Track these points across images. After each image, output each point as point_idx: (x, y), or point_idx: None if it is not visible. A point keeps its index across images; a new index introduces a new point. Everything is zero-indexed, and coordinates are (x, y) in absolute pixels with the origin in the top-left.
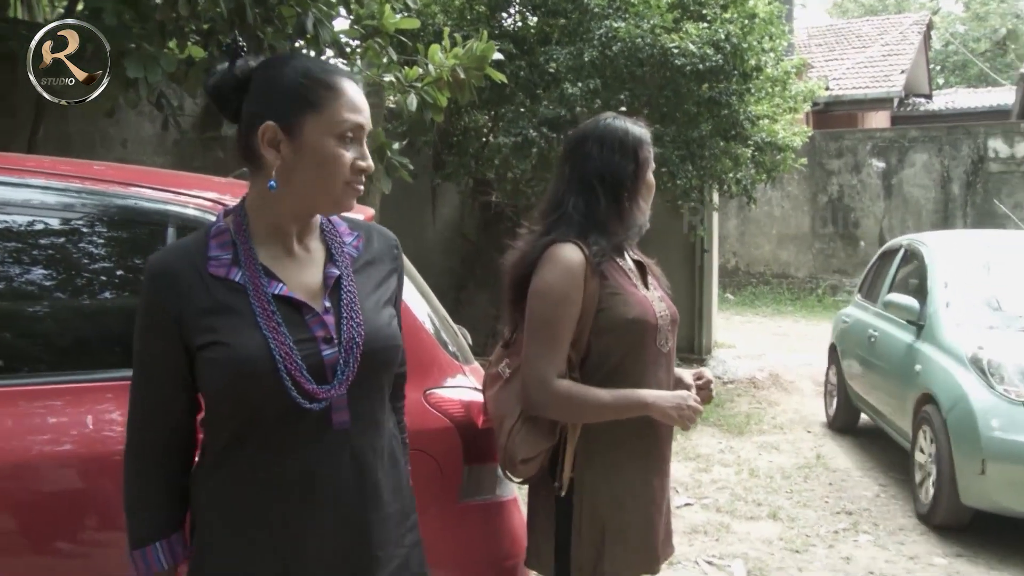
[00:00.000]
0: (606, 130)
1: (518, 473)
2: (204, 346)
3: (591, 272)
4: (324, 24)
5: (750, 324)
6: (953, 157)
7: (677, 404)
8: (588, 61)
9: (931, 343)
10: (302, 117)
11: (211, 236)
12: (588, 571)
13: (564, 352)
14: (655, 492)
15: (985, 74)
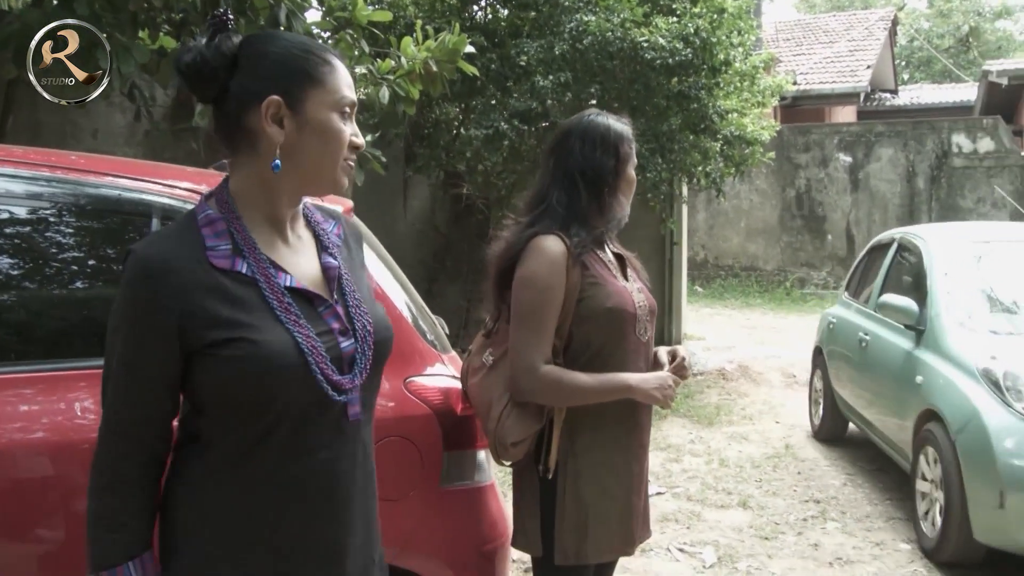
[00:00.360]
0: (588, 126)
1: (508, 456)
2: (219, 343)
3: (572, 262)
4: (297, 16)
5: (719, 316)
6: (918, 152)
7: (659, 384)
8: (559, 54)
9: (933, 351)
10: (305, 91)
11: (202, 225)
12: (571, 553)
13: (550, 339)
14: (634, 477)
15: (949, 70)
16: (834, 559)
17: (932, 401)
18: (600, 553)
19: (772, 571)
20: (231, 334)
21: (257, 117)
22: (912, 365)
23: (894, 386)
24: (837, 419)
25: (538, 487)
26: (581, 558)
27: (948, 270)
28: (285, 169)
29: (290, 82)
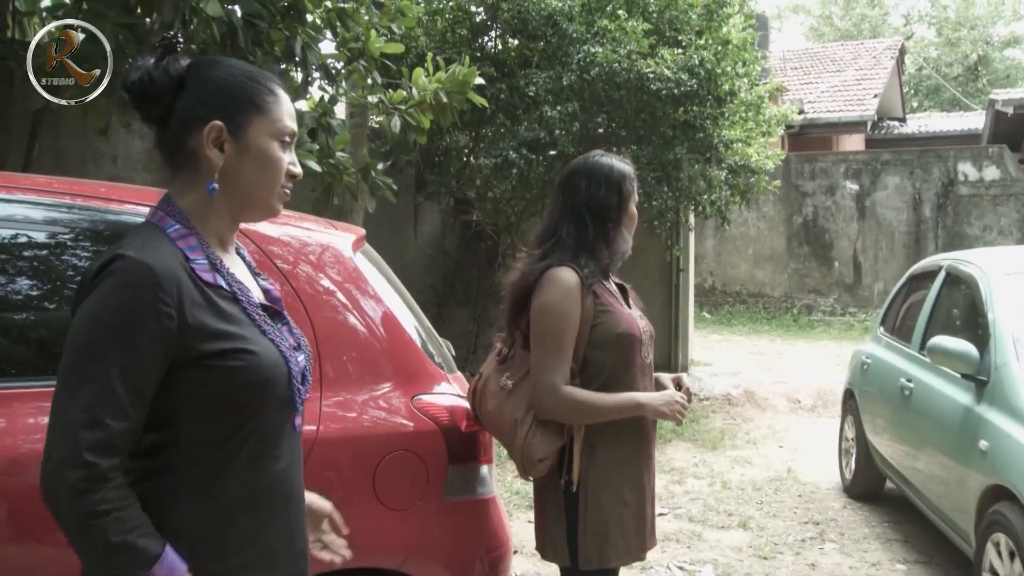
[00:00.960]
0: (594, 166)
1: (535, 472)
2: (216, 355)
3: (585, 292)
4: (312, 48)
5: (726, 342)
6: (924, 180)
7: (667, 401)
8: (567, 85)
9: (1002, 410)
10: (248, 119)
11: (175, 238)
12: (595, 559)
13: (568, 361)
14: (646, 486)
15: (958, 99)
16: None
17: (1003, 474)
18: (620, 557)
19: None
20: (233, 344)
21: (199, 140)
22: (973, 426)
23: (950, 450)
24: (872, 474)
25: (562, 500)
26: (604, 562)
27: (1015, 306)
28: (222, 192)
29: (234, 109)
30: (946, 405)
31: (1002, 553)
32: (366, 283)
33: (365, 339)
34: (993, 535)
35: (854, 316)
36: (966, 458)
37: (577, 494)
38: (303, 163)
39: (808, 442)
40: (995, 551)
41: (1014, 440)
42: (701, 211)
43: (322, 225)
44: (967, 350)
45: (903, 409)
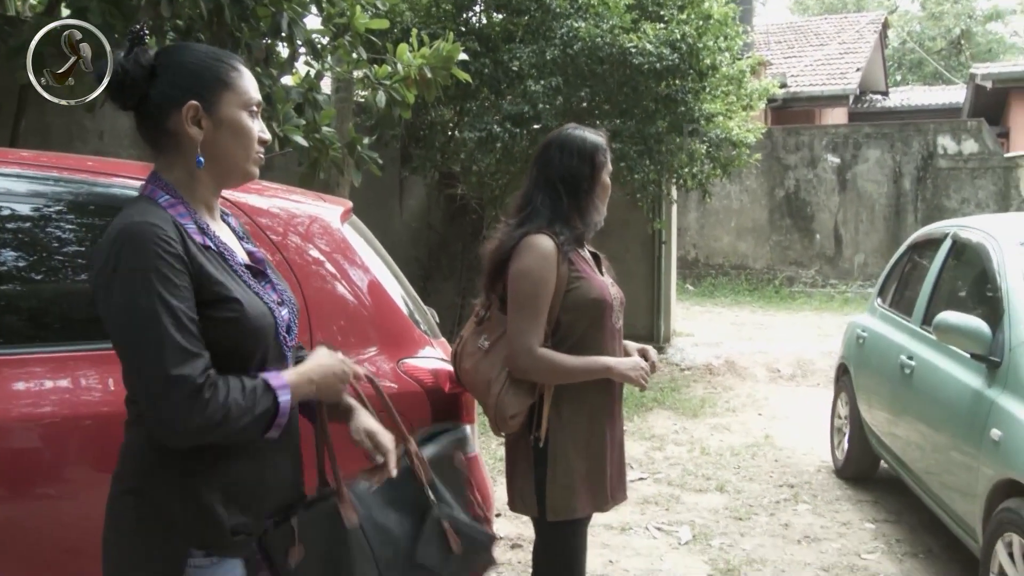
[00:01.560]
0: (567, 139)
1: (507, 427)
2: (215, 303)
3: (561, 258)
4: (297, 23)
5: (708, 314)
6: (905, 153)
7: (633, 366)
8: (550, 59)
9: (1018, 395)
10: (219, 94)
11: (167, 207)
12: (562, 509)
13: (543, 324)
14: (609, 443)
15: (940, 72)
16: (803, 537)
17: (1020, 470)
18: (584, 508)
19: (743, 548)
20: (226, 295)
21: (178, 120)
22: (984, 412)
23: (955, 437)
24: (866, 455)
25: (531, 455)
26: (569, 513)
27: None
28: (206, 164)
29: (205, 88)
30: (952, 387)
31: (1015, 555)
32: (354, 253)
33: (353, 306)
34: (1003, 533)
35: (835, 288)
36: (974, 447)
37: (545, 449)
38: (290, 138)
39: (786, 410)
40: (1006, 552)
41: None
42: (683, 184)
43: (311, 198)
44: (978, 327)
45: (903, 388)
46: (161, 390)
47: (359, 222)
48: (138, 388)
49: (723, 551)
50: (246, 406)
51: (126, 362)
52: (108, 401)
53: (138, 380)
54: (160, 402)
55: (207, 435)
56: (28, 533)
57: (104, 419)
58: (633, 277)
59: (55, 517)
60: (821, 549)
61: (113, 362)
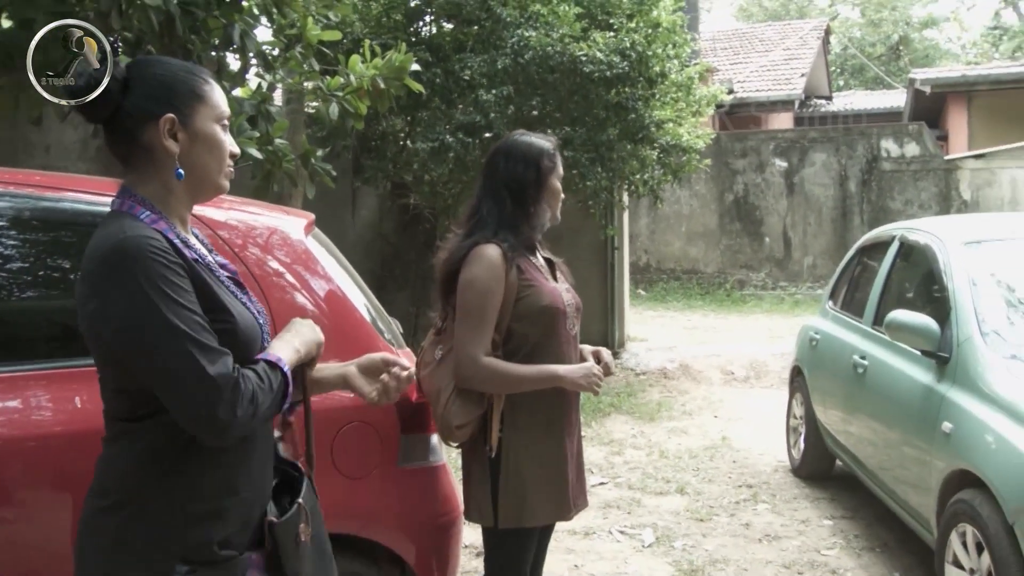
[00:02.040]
0: (512, 145)
1: (454, 437)
2: (210, 313)
3: (509, 267)
4: (249, 35)
5: (661, 318)
6: (850, 157)
7: (584, 374)
8: (501, 68)
9: (966, 389)
10: (194, 108)
11: (151, 223)
12: (513, 518)
13: (489, 334)
14: (566, 451)
15: (881, 77)
16: (763, 536)
17: (971, 461)
18: (537, 518)
19: (706, 548)
20: (219, 307)
21: (153, 133)
22: (936, 406)
23: (908, 432)
24: (822, 454)
25: (486, 464)
26: (522, 522)
27: (977, 278)
28: (183, 177)
29: (181, 101)
30: (905, 384)
31: (968, 545)
32: (317, 264)
33: (318, 317)
34: (958, 524)
35: (785, 290)
36: (927, 441)
37: (499, 458)
38: (244, 150)
39: (742, 412)
40: (960, 542)
41: (982, 424)
42: (634, 190)
43: (274, 210)
44: (927, 325)
45: (857, 387)
46: (209, 393)
47: (322, 234)
48: (174, 394)
49: (686, 552)
50: (267, 387)
51: (153, 374)
52: (62, 421)
53: (172, 387)
54: (211, 404)
55: (251, 423)
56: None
57: (59, 439)
58: (586, 283)
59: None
60: (781, 547)
61: (68, 380)
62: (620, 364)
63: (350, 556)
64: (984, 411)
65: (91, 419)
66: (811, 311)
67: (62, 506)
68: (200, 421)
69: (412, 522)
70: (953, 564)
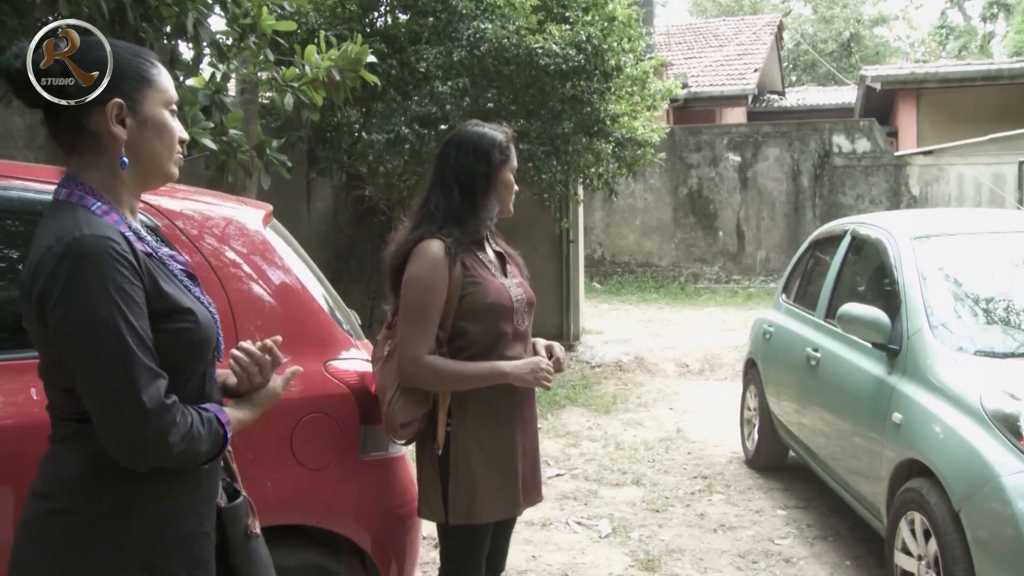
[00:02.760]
0: (464, 136)
1: (399, 436)
2: (169, 315)
3: (452, 263)
4: (202, 24)
5: (616, 311)
6: (802, 152)
7: (531, 369)
8: (457, 60)
9: (915, 380)
10: (142, 92)
11: (102, 214)
12: (463, 514)
13: (432, 332)
14: (516, 446)
15: (833, 73)
16: (718, 526)
17: (919, 450)
18: (488, 514)
19: (662, 538)
20: (178, 306)
21: (99, 119)
22: (886, 397)
23: (859, 422)
24: (775, 446)
25: (436, 461)
26: (472, 518)
27: (925, 271)
28: (130, 165)
29: (128, 85)
30: (856, 376)
31: (916, 532)
32: (275, 254)
33: (277, 308)
34: (906, 512)
35: (738, 283)
36: (877, 431)
37: (447, 454)
38: (198, 140)
39: (697, 404)
40: (908, 530)
41: (930, 414)
42: (589, 184)
43: (228, 200)
44: (878, 317)
45: (809, 379)
46: (129, 414)
47: (280, 226)
48: (102, 410)
49: (643, 542)
50: (204, 436)
51: (88, 380)
52: (12, 414)
53: (103, 400)
54: (128, 425)
55: (167, 460)
56: None
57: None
58: (541, 276)
59: None
60: (736, 537)
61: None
62: (575, 357)
63: (310, 547)
64: (932, 402)
65: (45, 413)
66: (764, 304)
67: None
68: (111, 439)
69: (372, 513)
70: (902, 551)
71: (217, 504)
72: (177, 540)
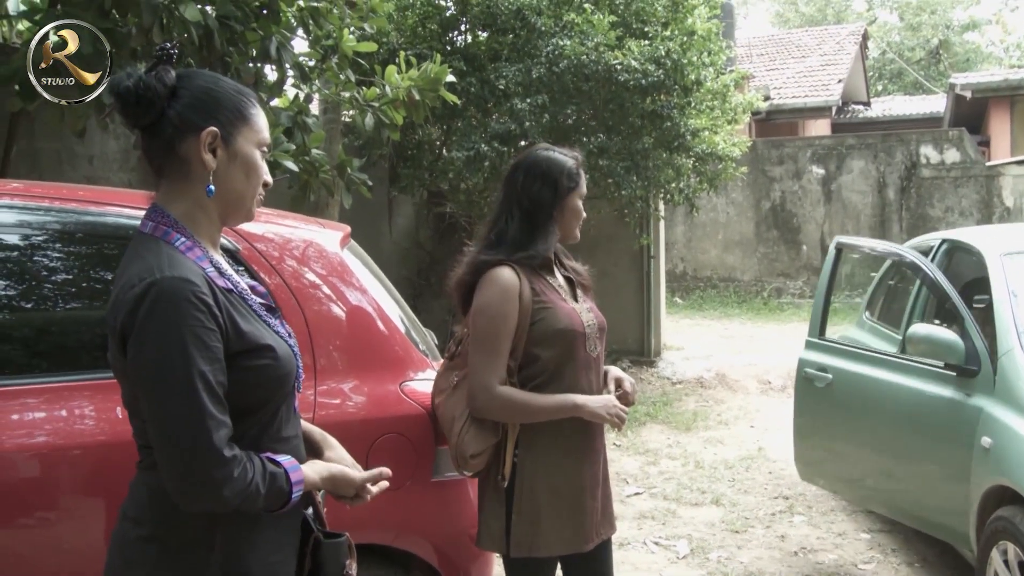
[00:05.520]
0: (533, 162)
1: (469, 467)
2: (249, 352)
3: (523, 289)
4: (286, 47)
5: (698, 327)
6: (888, 163)
7: (604, 404)
8: (536, 77)
9: (1006, 402)
10: (237, 127)
11: (185, 251)
12: (526, 546)
13: (504, 362)
14: (586, 480)
15: (920, 82)
16: (799, 548)
17: (1012, 476)
18: (551, 547)
19: (741, 560)
20: (259, 343)
21: (192, 145)
22: (971, 421)
23: (935, 448)
24: None
25: (501, 492)
26: (534, 551)
27: (1017, 289)
28: (215, 195)
29: (225, 117)
30: (924, 399)
31: (1011, 563)
32: (352, 276)
33: (355, 330)
34: (998, 541)
35: None
36: (963, 457)
37: (513, 485)
38: (281, 162)
39: (778, 422)
40: (1002, 561)
41: (1021, 436)
42: (670, 199)
43: (307, 223)
44: (951, 338)
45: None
46: (190, 462)
47: (358, 247)
48: (161, 451)
49: (721, 564)
50: (262, 492)
51: (154, 421)
52: (105, 431)
53: (166, 444)
54: (186, 472)
55: (219, 509)
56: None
57: (102, 448)
58: (622, 292)
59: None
60: (818, 560)
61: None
62: (656, 373)
63: (385, 566)
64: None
65: None
66: (849, 320)
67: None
68: (169, 480)
69: (445, 533)
70: None
71: (317, 537)
72: (258, 569)
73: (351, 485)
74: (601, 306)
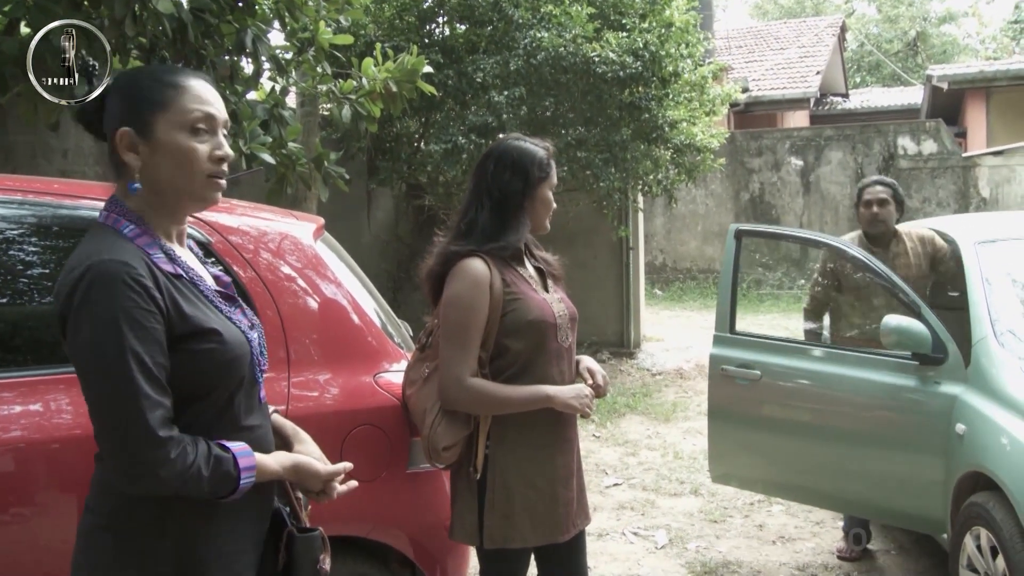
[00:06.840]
0: (504, 151)
1: (441, 460)
2: (193, 335)
3: (493, 280)
4: (262, 39)
5: (678, 318)
6: (866, 155)
7: (575, 395)
8: (514, 70)
9: (980, 390)
10: (152, 117)
11: (133, 237)
12: (499, 538)
13: (475, 354)
14: (559, 470)
15: (898, 74)
16: (777, 537)
17: (985, 463)
18: (525, 539)
19: (719, 550)
20: (203, 327)
21: (119, 148)
22: (945, 408)
23: (903, 437)
24: None
25: (474, 484)
26: (507, 543)
27: (990, 277)
28: (149, 191)
29: (137, 112)
30: (885, 388)
31: (983, 548)
32: (326, 269)
33: (329, 322)
34: (973, 529)
35: (802, 289)
36: (937, 443)
37: (485, 477)
38: (257, 155)
39: None
40: (975, 545)
41: (1001, 429)
42: (648, 191)
43: (282, 215)
44: (917, 327)
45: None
46: (123, 441)
47: (332, 239)
48: (101, 433)
49: (699, 554)
50: (206, 476)
51: (91, 405)
52: (81, 424)
53: (102, 426)
54: (121, 452)
55: (159, 491)
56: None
57: (77, 441)
58: (602, 283)
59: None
60: (795, 549)
61: None
62: (635, 364)
63: (361, 558)
64: (998, 412)
65: None
66: None
67: (74, 508)
68: (108, 462)
69: (421, 524)
70: (967, 568)
71: (291, 532)
72: (213, 558)
73: (316, 478)
74: (580, 298)
